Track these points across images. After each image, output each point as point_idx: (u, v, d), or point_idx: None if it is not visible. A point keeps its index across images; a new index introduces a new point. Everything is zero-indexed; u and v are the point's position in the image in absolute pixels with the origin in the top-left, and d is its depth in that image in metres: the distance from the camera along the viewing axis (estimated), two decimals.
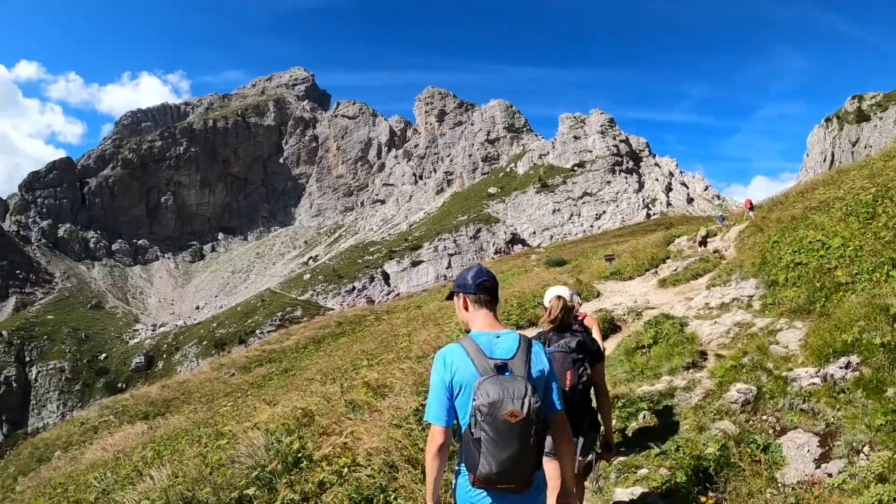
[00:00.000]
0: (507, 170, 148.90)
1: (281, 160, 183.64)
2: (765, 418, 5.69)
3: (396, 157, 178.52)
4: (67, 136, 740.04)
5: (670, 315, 10.76)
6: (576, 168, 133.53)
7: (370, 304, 70.62)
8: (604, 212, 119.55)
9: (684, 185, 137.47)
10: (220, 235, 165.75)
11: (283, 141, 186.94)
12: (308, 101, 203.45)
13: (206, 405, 20.11)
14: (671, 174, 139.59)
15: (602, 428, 4.38)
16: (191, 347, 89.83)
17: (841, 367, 5.84)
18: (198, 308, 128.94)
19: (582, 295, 16.15)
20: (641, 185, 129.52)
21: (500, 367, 2.63)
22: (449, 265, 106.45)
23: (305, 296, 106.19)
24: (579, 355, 4.11)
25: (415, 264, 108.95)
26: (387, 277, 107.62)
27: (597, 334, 5.17)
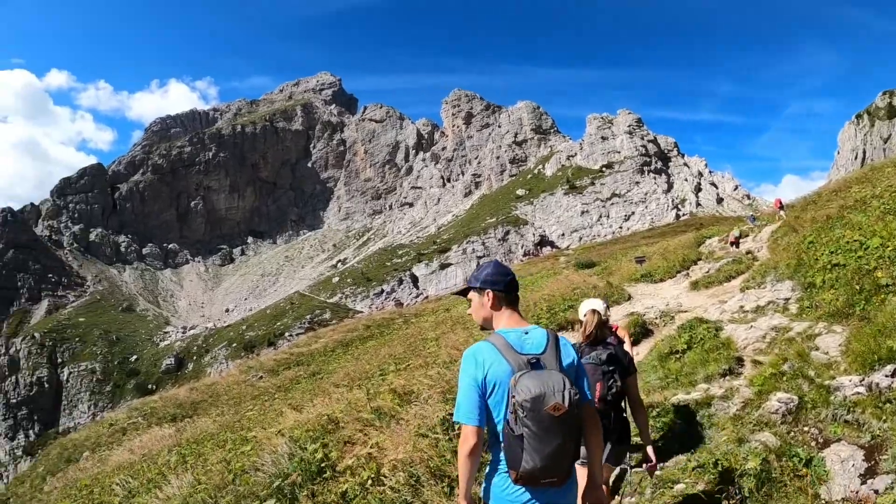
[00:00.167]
0: (535, 171, 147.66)
1: (309, 164, 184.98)
2: (806, 430, 5.39)
3: (424, 160, 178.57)
4: (98, 142, 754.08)
5: (704, 319, 10.52)
6: (604, 169, 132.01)
7: (399, 306, 70.82)
8: (633, 213, 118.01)
9: (714, 185, 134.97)
10: (250, 239, 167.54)
11: (311, 145, 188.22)
12: (335, 106, 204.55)
13: (233, 408, 20.30)
14: (700, 174, 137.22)
15: (631, 441, 4.33)
16: (220, 350, 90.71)
17: (887, 376, 5.51)
18: (227, 311, 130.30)
19: (612, 298, 15.90)
20: (670, 186, 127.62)
21: (533, 363, 2.63)
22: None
23: (334, 299, 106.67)
24: (609, 367, 4.12)
25: (443, 267, 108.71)
26: (415, 280, 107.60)
27: (628, 346, 5.13)
